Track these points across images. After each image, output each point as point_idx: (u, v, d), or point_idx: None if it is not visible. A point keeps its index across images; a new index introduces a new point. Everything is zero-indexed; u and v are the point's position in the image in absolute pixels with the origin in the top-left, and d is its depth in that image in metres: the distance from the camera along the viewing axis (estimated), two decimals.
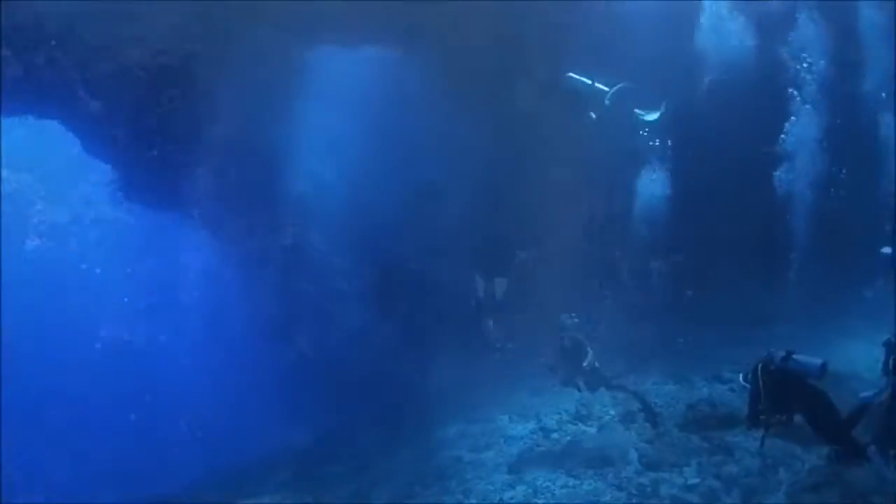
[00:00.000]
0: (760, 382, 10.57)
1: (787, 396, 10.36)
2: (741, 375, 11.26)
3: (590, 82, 17.05)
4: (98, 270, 38.20)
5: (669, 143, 20.24)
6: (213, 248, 25.52)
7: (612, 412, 17.35)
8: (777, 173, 20.56)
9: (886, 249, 16.69)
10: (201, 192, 21.55)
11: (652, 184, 21.17)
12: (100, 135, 20.61)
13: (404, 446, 18.67)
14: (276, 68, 21.14)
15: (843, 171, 20.36)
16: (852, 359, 16.98)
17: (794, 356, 10.39)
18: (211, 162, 20.95)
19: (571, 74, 17.04)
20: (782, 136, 20.61)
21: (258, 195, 22.45)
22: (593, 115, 17.97)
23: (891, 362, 10.69)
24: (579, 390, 16.45)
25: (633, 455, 14.88)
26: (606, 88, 17.09)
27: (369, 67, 23.73)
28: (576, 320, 17.15)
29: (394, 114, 23.74)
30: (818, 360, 10.14)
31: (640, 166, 21.15)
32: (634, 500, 13.18)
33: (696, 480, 13.27)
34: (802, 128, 20.48)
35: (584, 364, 15.90)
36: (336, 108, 24.62)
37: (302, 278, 24.23)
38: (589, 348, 16.06)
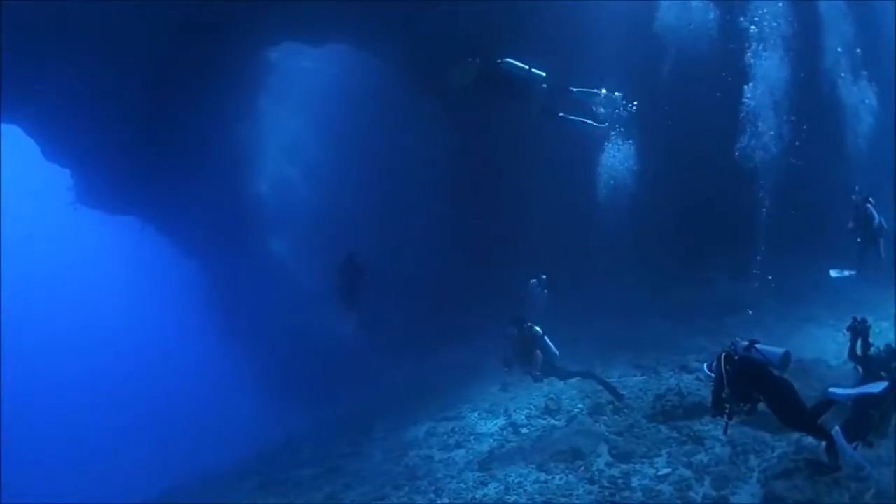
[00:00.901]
0: (723, 372, 10.37)
1: (750, 385, 10.23)
2: (706, 365, 11.17)
3: (526, 67, 16.84)
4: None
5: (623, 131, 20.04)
6: (174, 254, 25.06)
7: (581, 405, 17.22)
8: (740, 161, 20.44)
9: (834, 272, 16.78)
10: (161, 196, 21.03)
11: (612, 171, 20.96)
12: (60, 140, 19.99)
13: (374, 447, 18.38)
14: (240, 68, 20.67)
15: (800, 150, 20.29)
16: (818, 345, 17.00)
17: (757, 346, 10.31)
18: (171, 166, 20.37)
19: (508, 59, 16.85)
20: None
21: (218, 198, 21.94)
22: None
23: (857, 348, 10.57)
24: (535, 380, 16.13)
25: (604, 447, 14.71)
26: (543, 73, 16.90)
27: (334, 65, 23.62)
28: (544, 278, 16.88)
29: (357, 112, 23.54)
30: (780, 350, 10.12)
31: (599, 152, 20.88)
32: (607, 493, 12.95)
33: (668, 470, 13.15)
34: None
35: (537, 351, 15.60)
36: (299, 108, 24.46)
37: (265, 281, 23.83)
38: (545, 336, 15.78)
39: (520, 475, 14.58)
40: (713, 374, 10.84)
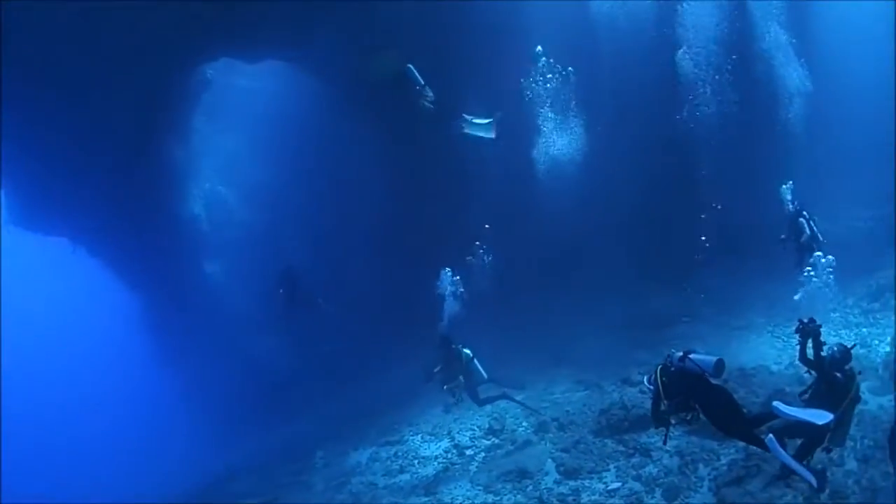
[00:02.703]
0: (660, 384, 10.07)
1: (687, 395, 9.96)
2: (645, 378, 10.86)
3: (421, 83, 16.72)
4: None
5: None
6: (105, 275, 23.93)
7: (525, 424, 16.78)
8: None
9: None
10: (91, 217, 19.93)
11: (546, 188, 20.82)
12: None
13: (316, 475, 17.60)
14: (175, 85, 19.83)
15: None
16: (758, 352, 16.99)
17: (691, 356, 10.01)
18: (102, 185, 19.31)
19: (411, 66, 16.74)
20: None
21: (150, 219, 20.95)
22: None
23: (808, 351, 10.24)
24: (453, 397, 15.62)
25: (551, 465, 14.37)
26: (430, 94, 16.81)
27: (270, 83, 22.99)
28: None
29: (293, 131, 22.96)
30: (713, 358, 9.83)
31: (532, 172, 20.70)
32: None
33: (617, 485, 12.84)
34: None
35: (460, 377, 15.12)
36: (234, 126, 23.74)
37: (199, 305, 22.86)
38: (475, 359, 15.31)
39: (467, 498, 14.10)
40: (652, 387, 10.55)
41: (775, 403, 9.43)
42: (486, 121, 17.07)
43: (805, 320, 9.38)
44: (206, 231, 23.65)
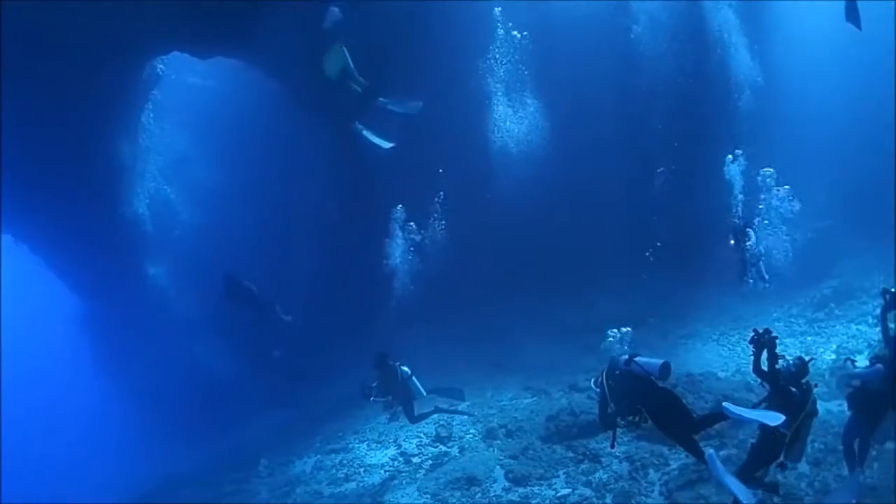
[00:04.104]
0: (606, 387, 9.89)
1: (634, 398, 9.72)
2: (592, 381, 10.57)
3: (352, 66, 16.63)
4: None
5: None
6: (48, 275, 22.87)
7: (473, 431, 16.36)
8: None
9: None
10: (32, 213, 18.92)
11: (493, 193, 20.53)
12: None
13: (260, 484, 16.88)
14: (125, 79, 18.99)
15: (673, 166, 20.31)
16: (704, 360, 16.89)
17: (637, 359, 9.79)
18: (43, 180, 18.33)
19: (342, 47, 16.60)
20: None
21: (93, 217, 19.99)
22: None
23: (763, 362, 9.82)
24: (390, 416, 15.26)
25: (499, 472, 13.95)
26: (362, 79, 16.72)
27: (221, 82, 22.31)
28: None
29: (244, 131, 22.32)
30: (659, 361, 9.59)
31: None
32: None
33: (567, 491, 12.47)
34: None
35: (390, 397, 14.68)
36: (184, 125, 22.95)
37: (141, 308, 21.93)
38: (413, 377, 14.86)
39: None
40: (599, 390, 10.25)
41: (725, 404, 9.15)
42: (384, 140, 16.96)
43: (760, 331, 9.04)
44: (150, 232, 22.74)
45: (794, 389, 8.73)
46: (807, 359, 8.97)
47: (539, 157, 20.33)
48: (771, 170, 16.11)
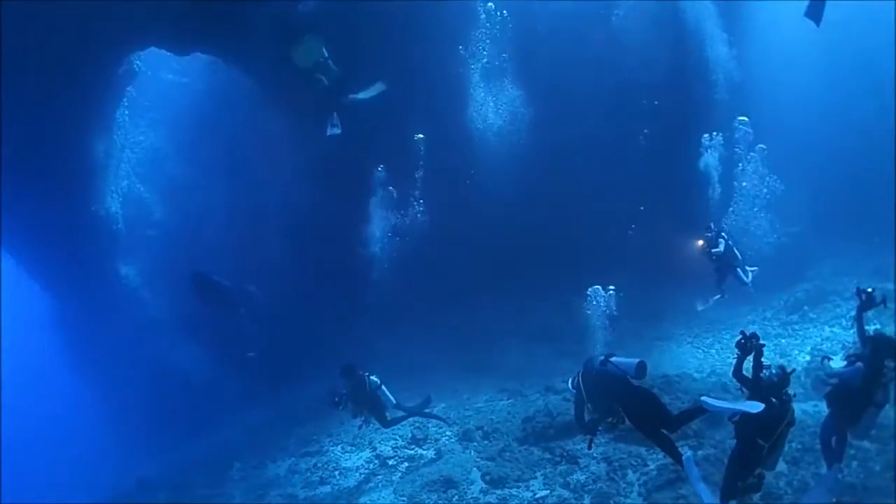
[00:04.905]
0: (582, 387, 9.81)
1: (610, 398, 9.64)
2: (570, 381, 10.42)
3: (325, 56, 16.64)
4: None
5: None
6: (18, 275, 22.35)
7: (449, 433, 16.16)
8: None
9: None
10: (3, 211, 18.42)
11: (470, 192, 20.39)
12: None
13: (234, 488, 16.55)
14: (100, 74, 18.56)
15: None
16: (679, 361, 16.86)
17: (612, 359, 9.70)
18: (12, 177, 17.85)
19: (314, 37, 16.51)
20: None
21: (64, 215, 19.52)
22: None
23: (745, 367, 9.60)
24: (360, 426, 14.97)
25: (476, 474, 13.74)
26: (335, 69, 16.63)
27: (197, 79, 21.98)
28: None
29: (219, 129, 21.98)
30: (635, 360, 9.52)
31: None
32: None
33: (545, 492, 12.31)
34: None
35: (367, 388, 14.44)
36: (159, 122, 22.55)
37: (114, 308, 21.45)
38: (382, 386, 14.64)
39: None
40: (575, 391, 10.12)
41: (703, 398, 9.01)
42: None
43: (748, 334, 8.87)
44: (122, 230, 22.27)
45: (773, 400, 8.58)
46: (789, 370, 8.81)
47: (516, 156, 20.11)
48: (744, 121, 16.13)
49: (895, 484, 9.73)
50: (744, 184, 16.68)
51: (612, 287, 15.28)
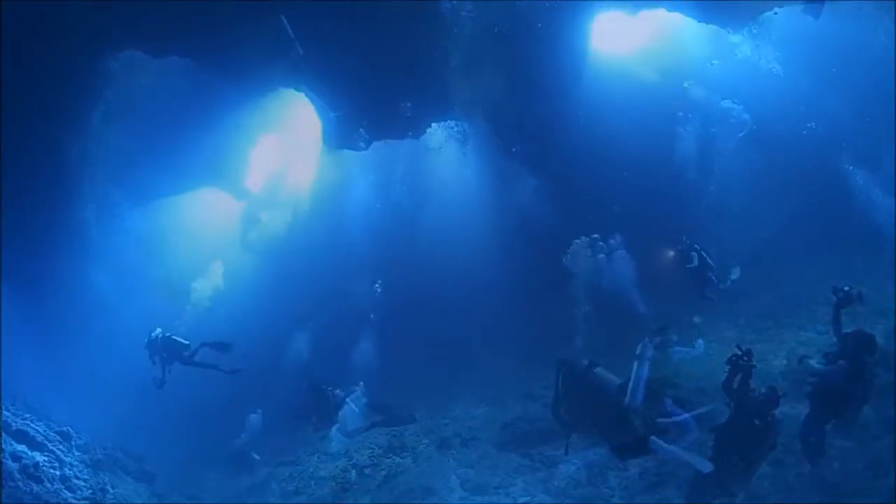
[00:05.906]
0: (561, 387, 9.78)
1: (585, 409, 9.64)
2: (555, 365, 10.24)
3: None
4: None
5: None
6: None
7: (426, 440, 15.91)
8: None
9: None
10: None
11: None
12: None
13: (209, 498, 15.97)
14: (77, 75, 18.15)
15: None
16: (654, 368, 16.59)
17: (595, 370, 9.60)
18: None
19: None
20: None
21: (36, 220, 19.02)
22: None
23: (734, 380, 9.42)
24: (343, 436, 14.83)
25: (455, 482, 13.55)
26: None
27: (175, 82, 21.52)
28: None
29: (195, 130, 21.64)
30: (616, 381, 9.38)
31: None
32: None
33: (526, 499, 12.20)
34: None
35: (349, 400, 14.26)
36: (132, 124, 22.02)
37: (85, 317, 20.89)
38: (340, 392, 14.43)
39: None
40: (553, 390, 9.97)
41: (654, 439, 8.70)
42: None
43: (741, 351, 8.71)
44: (95, 236, 21.75)
45: (757, 422, 8.41)
46: (780, 393, 8.67)
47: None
48: None
49: (875, 483, 9.65)
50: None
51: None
